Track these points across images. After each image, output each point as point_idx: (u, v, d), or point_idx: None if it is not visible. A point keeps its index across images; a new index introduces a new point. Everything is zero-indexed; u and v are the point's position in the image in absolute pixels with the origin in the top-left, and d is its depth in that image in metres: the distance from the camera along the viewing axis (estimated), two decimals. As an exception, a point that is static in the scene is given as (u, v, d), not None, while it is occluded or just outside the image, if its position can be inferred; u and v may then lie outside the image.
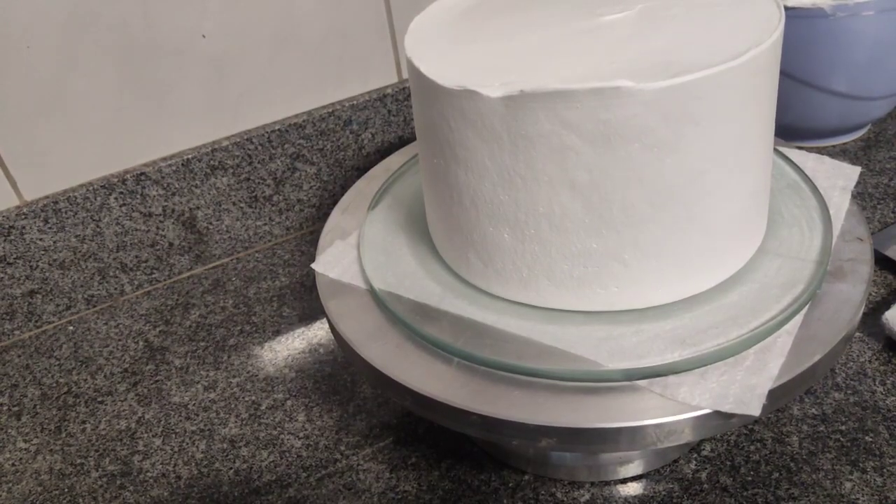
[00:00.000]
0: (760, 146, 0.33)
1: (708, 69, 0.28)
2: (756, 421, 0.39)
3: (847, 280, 0.34)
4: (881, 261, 0.47)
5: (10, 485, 0.43)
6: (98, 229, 0.53)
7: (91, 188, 0.52)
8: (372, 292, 0.37)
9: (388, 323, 0.35)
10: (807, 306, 0.32)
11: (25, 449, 0.45)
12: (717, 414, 0.29)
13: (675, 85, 0.28)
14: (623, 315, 0.33)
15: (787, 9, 0.50)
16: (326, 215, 0.43)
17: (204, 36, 0.52)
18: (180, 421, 0.45)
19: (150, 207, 0.54)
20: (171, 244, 0.56)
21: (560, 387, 0.31)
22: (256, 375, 0.47)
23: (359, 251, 0.39)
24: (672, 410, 0.29)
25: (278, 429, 0.43)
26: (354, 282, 0.38)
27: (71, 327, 0.54)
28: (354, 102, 0.58)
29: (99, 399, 0.48)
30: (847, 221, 0.37)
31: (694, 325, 0.32)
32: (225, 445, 0.43)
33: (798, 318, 0.32)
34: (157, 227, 0.55)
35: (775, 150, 0.41)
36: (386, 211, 0.42)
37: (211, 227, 0.57)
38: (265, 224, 0.59)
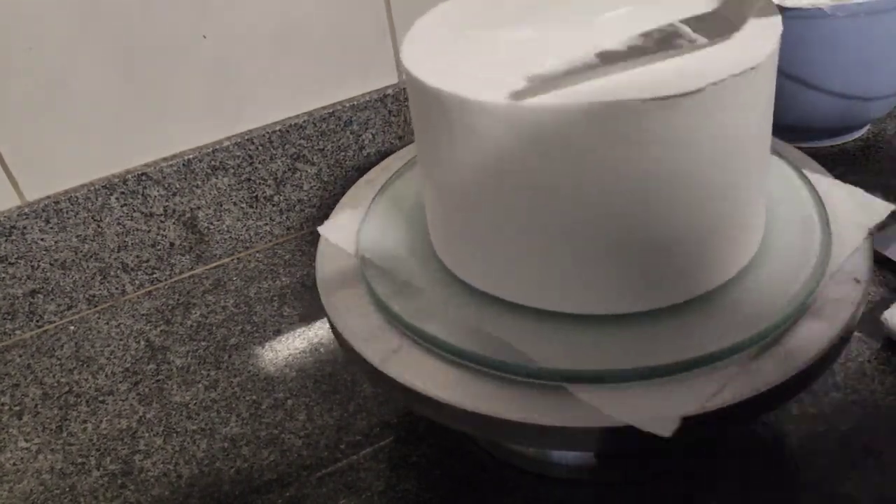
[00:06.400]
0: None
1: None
2: (755, 421, 0.39)
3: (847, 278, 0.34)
4: (881, 261, 0.47)
5: (12, 484, 0.43)
6: (99, 229, 0.53)
7: (92, 188, 0.52)
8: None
9: (388, 322, 0.35)
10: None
11: (27, 448, 0.45)
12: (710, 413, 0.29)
13: (677, 96, 0.28)
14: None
15: (785, 9, 0.50)
16: (327, 215, 0.43)
17: (205, 37, 0.52)
18: (181, 420, 0.45)
19: (151, 207, 0.54)
20: (172, 244, 0.56)
21: (561, 387, 0.31)
22: (257, 375, 0.47)
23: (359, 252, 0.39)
24: (672, 409, 0.29)
25: (279, 428, 0.43)
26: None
27: (72, 327, 0.54)
28: (355, 103, 0.58)
29: (100, 398, 0.48)
30: (847, 222, 0.37)
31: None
32: (226, 445, 0.43)
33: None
34: (159, 227, 0.55)
35: (802, 174, 0.40)
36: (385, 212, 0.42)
37: (212, 227, 0.57)
38: (266, 224, 0.59)
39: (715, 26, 0.32)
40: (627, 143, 0.29)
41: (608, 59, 0.31)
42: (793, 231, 0.37)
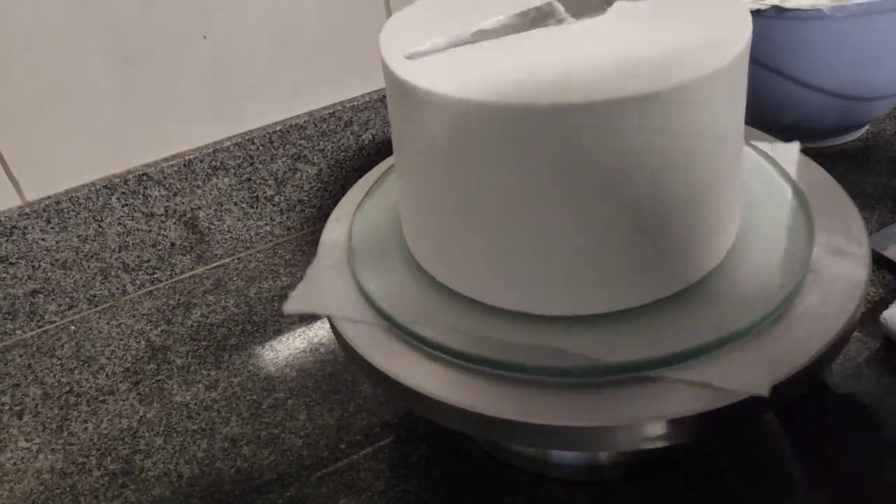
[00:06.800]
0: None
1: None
2: (757, 419, 0.39)
3: (845, 278, 0.34)
4: (879, 261, 0.48)
5: (12, 484, 0.43)
6: (100, 229, 0.53)
7: (93, 188, 0.52)
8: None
9: (387, 322, 0.35)
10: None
11: (27, 448, 0.45)
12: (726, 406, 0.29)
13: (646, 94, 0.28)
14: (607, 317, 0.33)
15: (784, 10, 0.50)
16: (327, 215, 0.43)
17: (205, 37, 0.52)
18: (182, 420, 0.45)
19: (151, 208, 0.54)
20: (172, 244, 0.56)
21: (560, 387, 0.31)
22: (257, 375, 0.48)
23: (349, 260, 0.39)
24: (671, 408, 0.29)
25: (279, 428, 0.44)
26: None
27: (73, 327, 0.54)
28: (355, 103, 0.58)
29: (100, 398, 0.48)
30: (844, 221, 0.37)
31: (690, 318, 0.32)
32: (226, 444, 0.43)
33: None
34: (159, 228, 0.55)
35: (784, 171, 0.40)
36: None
37: (212, 227, 0.57)
38: (266, 224, 0.59)
39: (586, 5, 0.33)
40: (587, 142, 0.29)
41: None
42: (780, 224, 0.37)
